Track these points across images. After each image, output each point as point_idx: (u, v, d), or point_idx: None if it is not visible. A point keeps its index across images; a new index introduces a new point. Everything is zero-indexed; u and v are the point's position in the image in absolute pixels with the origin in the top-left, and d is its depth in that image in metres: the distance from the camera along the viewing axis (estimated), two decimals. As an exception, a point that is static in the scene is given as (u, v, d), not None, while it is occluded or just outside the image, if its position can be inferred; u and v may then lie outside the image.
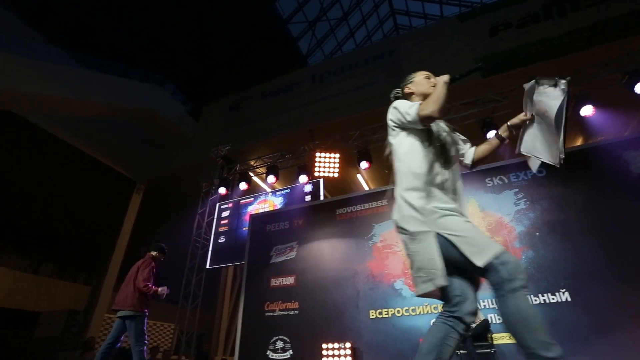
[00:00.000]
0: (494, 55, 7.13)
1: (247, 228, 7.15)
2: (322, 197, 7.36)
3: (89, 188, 10.66)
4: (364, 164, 7.11)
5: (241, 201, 8.26)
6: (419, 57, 8.01)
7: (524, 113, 1.67)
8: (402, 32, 14.44)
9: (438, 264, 1.33)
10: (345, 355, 4.79)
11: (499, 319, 4.48)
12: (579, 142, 8.59)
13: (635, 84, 5.47)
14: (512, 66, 6.84)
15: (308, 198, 7.51)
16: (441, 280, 1.32)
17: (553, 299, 4.31)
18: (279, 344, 5.39)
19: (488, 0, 11.01)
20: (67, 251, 13.26)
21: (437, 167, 1.60)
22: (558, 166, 1.55)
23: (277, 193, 8.08)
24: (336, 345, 4.90)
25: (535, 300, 4.39)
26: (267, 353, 5.38)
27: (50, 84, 7.58)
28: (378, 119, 7.44)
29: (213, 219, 8.22)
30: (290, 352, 5.26)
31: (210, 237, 7.98)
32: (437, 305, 4.84)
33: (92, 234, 12.32)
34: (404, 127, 1.67)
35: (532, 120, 1.64)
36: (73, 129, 8.94)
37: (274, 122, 9.01)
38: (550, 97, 1.49)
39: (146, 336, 3.92)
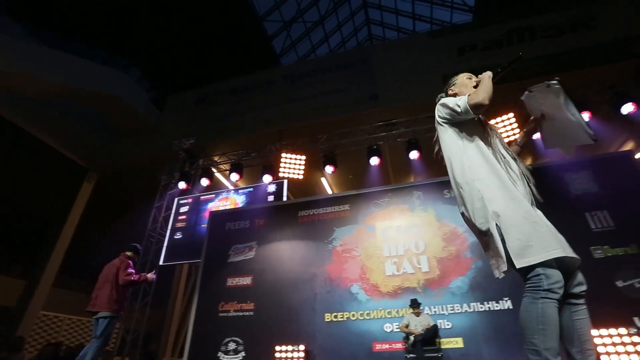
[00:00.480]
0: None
1: (205, 225, 6.94)
2: (285, 198, 7.33)
3: (31, 172, 9.80)
4: (329, 168, 7.17)
5: (201, 197, 8.00)
6: (390, 68, 8.23)
7: (532, 117, 1.82)
8: (376, 42, 14.79)
9: (502, 252, 1.44)
10: (299, 358, 4.78)
11: (448, 325, 4.69)
12: (528, 162, 9.23)
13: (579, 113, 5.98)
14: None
15: (271, 198, 7.44)
16: (504, 266, 1.45)
17: (497, 306, 4.58)
18: (231, 346, 5.26)
19: (457, 20, 11.61)
20: None
21: (497, 156, 1.66)
22: (594, 142, 1.72)
23: (240, 191, 7.92)
24: (290, 347, 4.87)
25: (481, 307, 4.63)
26: (218, 354, 5.23)
27: (-4, 56, 6.93)
28: (347, 125, 7.59)
29: (170, 213, 7.90)
30: (243, 354, 5.15)
31: (166, 232, 7.65)
32: (391, 310, 4.97)
33: (32, 223, 11.34)
34: (455, 120, 1.74)
35: (543, 119, 1.79)
36: (17, 107, 8.20)
37: (241, 119, 8.84)
38: (549, 96, 1.72)
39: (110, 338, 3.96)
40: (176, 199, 8.08)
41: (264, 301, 5.54)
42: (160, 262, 7.32)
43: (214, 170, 8.24)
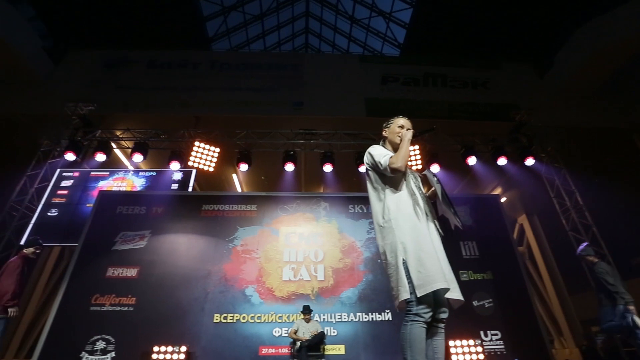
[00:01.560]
0: (381, 101, 8.14)
1: (91, 205, 6.10)
2: (190, 189, 6.90)
3: None
4: (243, 166, 7.00)
5: (92, 173, 7.01)
6: (319, 79, 8.48)
7: (433, 188, 2.11)
8: (311, 52, 15.11)
9: (405, 283, 1.67)
10: (178, 360, 4.48)
11: (334, 333, 4.95)
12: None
13: (467, 156, 7.04)
14: (392, 114, 7.93)
15: (175, 187, 6.92)
16: (405, 294, 1.67)
17: (379, 317, 5.02)
18: (100, 345, 4.67)
19: (386, 52, 12.60)
20: None
21: (411, 197, 1.93)
22: (461, 228, 2.11)
23: (141, 174, 7.19)
24: (170, 348, 4.55)
25: (366, 317, 5.02)
26: (81, 355, 4.59)
27: None
28: (267, 125, 7.54)
29: (47, 185, 6.72)
30: (112, 354, 4.62)
31: (36, 206, 6.47)
32: (282, 315, 5.05)
33: None
34: (376, 170, 2.00)
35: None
36: None
37: (156, 97, 8.05)
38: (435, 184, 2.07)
39: None
40: (58, 170, 6.92)
41: (148, 296, 5.08)
42: (22, 242, 6.13)
43: (113, 145, 7.31)
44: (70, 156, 6.61)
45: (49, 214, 6.38)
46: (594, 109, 7.98)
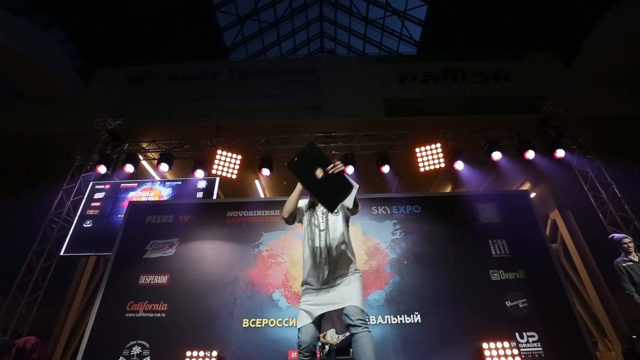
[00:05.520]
0: (400, 100, 8.05)
1: (122, 215, 6.34)
2: (215, 197, 7.05)
3: None
4: (265, 171, 7.08)
5: (122, 184, 7.31)
6: (337, 82, 8.50)
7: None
8: (326, 55, 15.17)
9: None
10: (209, 364, 4.57)
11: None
12: (448, 189, 10.20)
13: (492, 152, 6.83)
14: (412, 113, 7.84)
15: (200, 195, 7.09)
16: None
17: (408, 319, 4.92)
18: (136, 350, 4.83)
19: (403, 50, 12.47)
20: None
21: (309, 234, 2.37)
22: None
23: (167, 183, 7.42)
24: (201, 353, 4.65)
25: (394, 320, 4.94)
26: (120, 359, 4.76)
27: None
28: (287, 131, 7.61)
29: (82, 198, 7.05)
30: (148, 359, 4.76)
31: (73, 218, 6.80)
32: (310, 318, 5.04)
33: None
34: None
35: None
36: None
37: (178, 108, 8.32)
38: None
39: None
40: (91, 183, 7.26)
41: (179, 302, 5.21)
42: (61, 252, 6.46)
43: (140, 157, 7.59)
44: (101, 169, 6.92)
45: (84, 225, 6.70)
46: (626, 95, 7.57)
